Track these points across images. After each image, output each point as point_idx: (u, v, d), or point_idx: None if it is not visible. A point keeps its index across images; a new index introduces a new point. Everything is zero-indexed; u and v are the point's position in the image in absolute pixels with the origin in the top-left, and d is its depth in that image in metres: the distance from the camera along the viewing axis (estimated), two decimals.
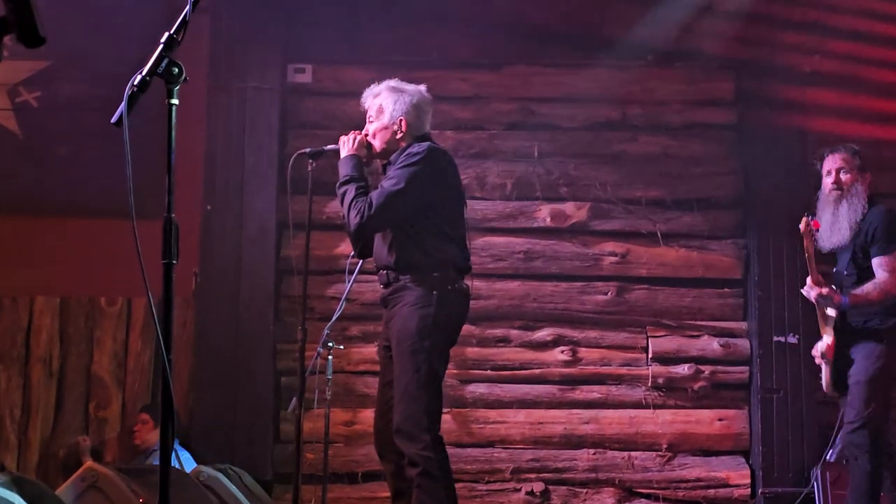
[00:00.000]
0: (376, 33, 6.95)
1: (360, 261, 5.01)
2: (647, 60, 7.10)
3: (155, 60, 2.56)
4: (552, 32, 7.02)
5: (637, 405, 6.86)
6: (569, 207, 7.02)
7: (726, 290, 7.01)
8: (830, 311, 5.23)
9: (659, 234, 7.00)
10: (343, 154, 4.41)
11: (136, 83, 2.54)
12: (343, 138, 4.45)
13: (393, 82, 4.51)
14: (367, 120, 4.48)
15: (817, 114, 6.97)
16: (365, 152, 4.43)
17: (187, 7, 2.62)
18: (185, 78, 2.63)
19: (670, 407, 6.86)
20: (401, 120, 4.39)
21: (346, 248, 6.68)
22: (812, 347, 5.50)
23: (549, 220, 6.98)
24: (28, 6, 1.37)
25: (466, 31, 7.02)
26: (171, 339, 2.56)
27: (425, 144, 4.32)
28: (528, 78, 7.14)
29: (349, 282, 5.23)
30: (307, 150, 4.58)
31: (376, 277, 4.46)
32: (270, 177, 6.83)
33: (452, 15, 6.92)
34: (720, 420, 6.85)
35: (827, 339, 5.26)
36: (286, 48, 7.06)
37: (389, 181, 4.25)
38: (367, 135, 4.46)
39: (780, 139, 6.94)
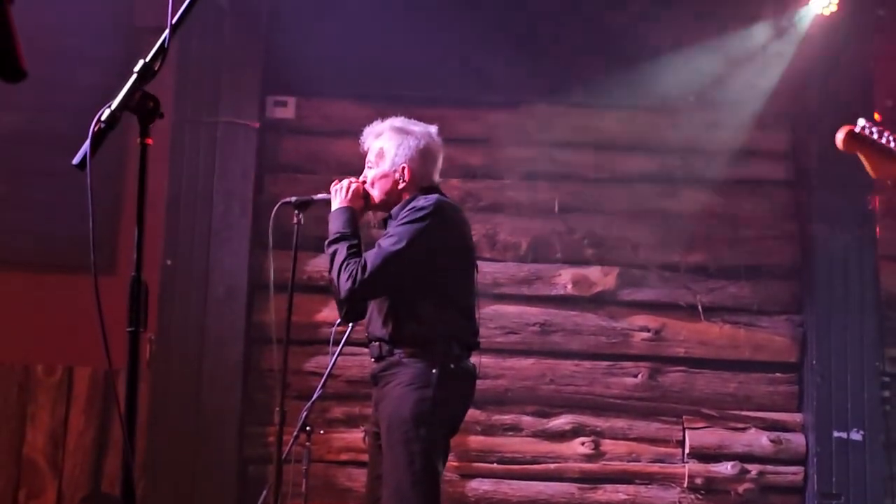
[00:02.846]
0: (371, 63, 7.00)
1: (348, 330, 5.01)
2: (690, 102, 7.15)
3: (127, 92, 2.59)
4: (578, 67, 7.09)
5: None
6: (594, 273, 7.05)
7: (778, 375, 7.01)
8: None
9: (700, 306, 7.01)
10: (335, 205, 4.41)
11: (103, 118, 2.56)
12: (335, 186, 4.46)
13: (398, 122, 4.52)
14: (367, 165, 4.50)
15: None
16: (362, 203, 4.44)
17: (166, 32, 2.65)
18: (161, 114, 2.66)
19: None
20: (403, 168, 4.41)
21: (329, 314, 6.72)
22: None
23: (570, 286, 7.01)
24: (9, 36, 1.40)
25: (477, 62, 7.08)
26: (135, 421, 2.56)
27: (433, 197, 4.33)
28: (550, 119, 7.19)
29: (334, 355, 5.23)
30: (293, 198, 4.57)
31: (362, 349, 4.46)
32: (243, 228, 6.84)
33: (461, 43, 6.99)
34: None
35: None
36: (265, 77, 7.10)
37: (389, 239, 4.24)
38: (364, 182, 4.47)
39: (844, 197, 6.98)
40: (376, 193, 4.44)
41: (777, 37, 6.90)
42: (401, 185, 4.41)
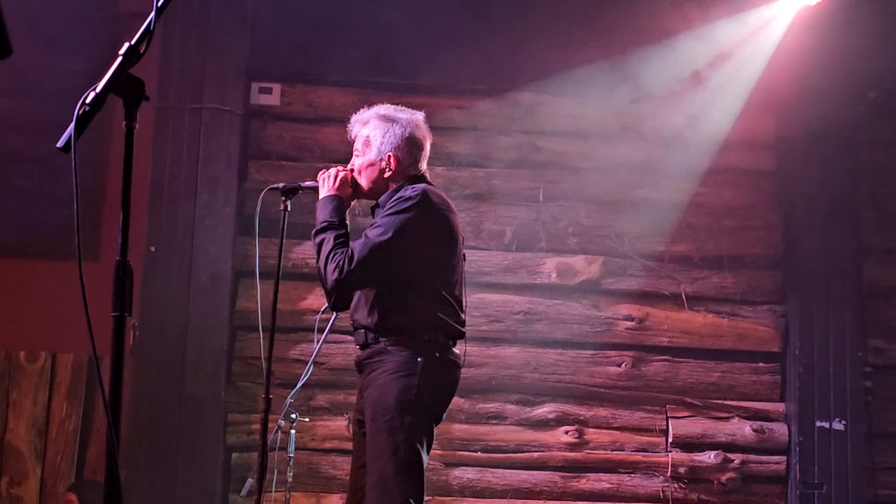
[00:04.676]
0: (357, 50, 6.95)
1: (332, 318, 4.97)
2: (674, 92, 7.12)
3: (113, 75, 2.54)
4: (563, 56, 7.06)
5: (654, 498, 6.83)
6: (578, 262, 7.03)
7: (761, 364, 7.01)
8: None
9: (683, 296, 7.01)
10: (322, 193, 4.35)
11: (88, 101, 2.52)
12: (322, 174, 4.41)
13: (383, 109, 4.46)
14: (353, 153, 4.45)
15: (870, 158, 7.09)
16: (349, 191, 4.39)
17: (151, 14, 2.60)
18: (147, 96, 2.62)
19: (693, 502, 6.83)
20: (389, 156, 4.35)
21: (313, 301, 6.68)
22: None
23: (554, 275, 6.99)
24: None
25: (463, 51, 7.04)
26: (119, 408, 2.52)
27: (420, 187, 4.27)
28: (534, 108, 7.17)
29: (318, 342, 5.20)
30: (280, 185, 4.51)
31: (347, 337, 4.42)
32: (227, 215, 6.81)
33: (446, 32, 6.95)
34: None
35: None
36: (250, 63, 7.05)
37: (375, 230, 4.19)
38: (352, 170, 4.42)
39: (826, 188, 6.98)
40: (363, 182, 4.39)
41: (762, 27, 6.88)
42: (387, 174, 4.36)
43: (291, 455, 5.62)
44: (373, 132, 4.39)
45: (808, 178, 7.03)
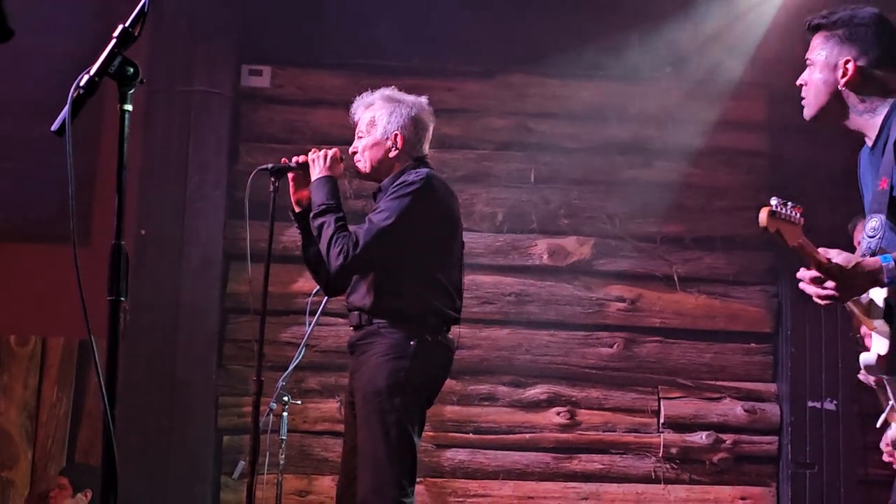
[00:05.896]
0: (347, 32, 6.96)
1: (325, 300, 5.00)
2: (666, 73, 7.14)
3: (106, 58, 2.56)
4: (554, 37, 7.07)
5: (646, 479, 6.87)
6: (570, 243, 7.06)
7: (753, 345, 7.05)
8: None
9: (675, 277, 7.05)
10: (315, 174, 4.37)
11: (82, 84, 2.54)
12: (312, 154, 4.42)
13: (388, 91, 4.51)
14: (357, 135, 4.47)
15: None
16: (341, 169, 4.42)
17: None
18: (142, 79, 2.64)
19: (684, 482, 6.88)
20: (396, 135, 4.39)
21: (304, 284, 6.68)
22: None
23: (546, 257, 7.02)
24: None
25: (454, 33, 7.05)
26: (115, 390, 2.55)
27: (423, 172, 4.32)
28: (525, 89, 7.18)
29: (310, 325, 5.22)
30: (269, 165, 4.53)
31: (338, 319, 4.44)
32: (217, 198, 6.82)
33: (437, 14, 6.96)
34: (743, 499, 6.87)
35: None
36: (240, 46, 7.06)
37: (379, 215, 4.23)
38: (354, 152, 4.46)
39: (819, 167, 7.00)
40: (366, 163, 4.41)
41: (755, 5, 6.89)
42: (392, 153, 4.39)
43: (283, 437, 5.67)
44: (378, 113, 4.43)
45: (800, 158, 7.04)
